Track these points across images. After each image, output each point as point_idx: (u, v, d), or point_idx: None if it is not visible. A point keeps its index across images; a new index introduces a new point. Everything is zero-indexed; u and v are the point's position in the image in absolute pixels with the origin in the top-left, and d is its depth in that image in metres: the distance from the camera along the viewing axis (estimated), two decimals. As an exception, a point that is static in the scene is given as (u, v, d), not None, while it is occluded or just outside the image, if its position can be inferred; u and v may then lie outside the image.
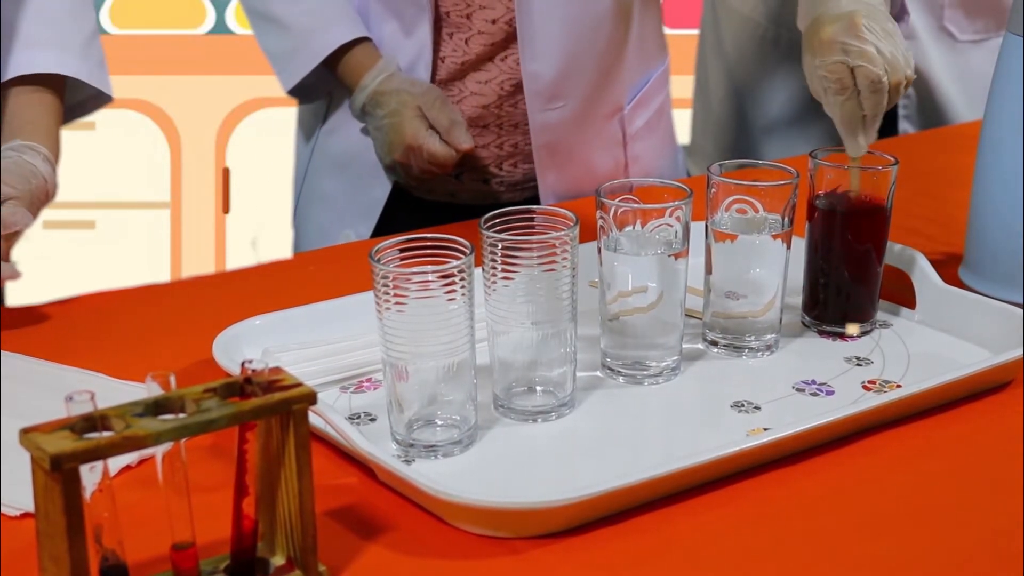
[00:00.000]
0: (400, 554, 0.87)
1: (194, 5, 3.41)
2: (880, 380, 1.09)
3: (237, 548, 0.80)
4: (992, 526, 0.91)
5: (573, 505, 0.87)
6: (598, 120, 1.55)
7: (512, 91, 1.50)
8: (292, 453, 0.79)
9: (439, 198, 1.56)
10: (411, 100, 1.45)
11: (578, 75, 1.50)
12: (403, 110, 1.45)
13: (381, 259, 0.95)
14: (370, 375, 1.09)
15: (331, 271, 1.31)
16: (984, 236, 1.26)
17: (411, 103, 1.45)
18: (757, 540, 0.89)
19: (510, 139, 1.52)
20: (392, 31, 1.49)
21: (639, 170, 1.61)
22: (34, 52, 1.26)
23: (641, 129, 1.61)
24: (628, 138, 1.60)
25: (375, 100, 1.47)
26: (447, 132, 1.44)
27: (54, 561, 0.74)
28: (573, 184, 1.55)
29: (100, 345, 1.14)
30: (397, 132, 1.45)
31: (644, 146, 1.62)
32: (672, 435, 1.03)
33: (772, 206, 1.11)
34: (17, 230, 1.16)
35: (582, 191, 1.53)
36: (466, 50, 1.48)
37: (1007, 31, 1.23)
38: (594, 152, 1.56)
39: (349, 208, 1.57)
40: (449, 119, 1.44)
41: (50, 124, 1.25)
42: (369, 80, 1.47)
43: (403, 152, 1.46)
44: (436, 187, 1.55)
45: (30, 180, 1.17)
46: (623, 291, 1.06)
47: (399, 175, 1.51)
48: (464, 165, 1.52)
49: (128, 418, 0.75)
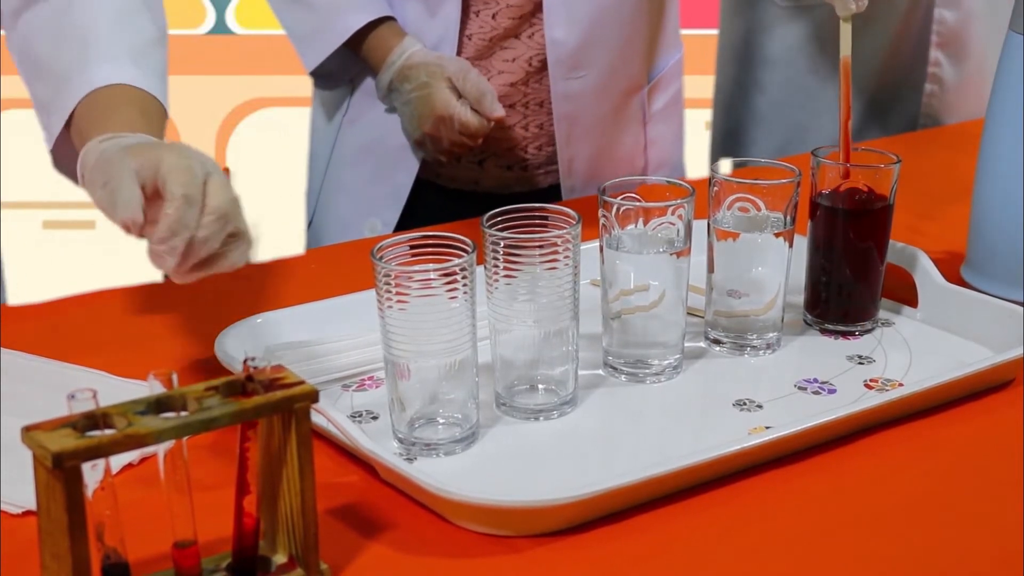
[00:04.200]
0: (401, 552, 0.86)
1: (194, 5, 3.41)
2: (882, 379, 1.09)
3: (239, 546, 0.80)
4: (992, 526, 0.91)
5: (574, 504, 0.87)
6: (619, 95, 1.56)
7: (539, 67, 1.50)
8: (294, 451, 0.79)
9: (462, 186, 1.57)
10: (440, 72, 1.44)
11: (601, 43, 1.50)
12: (433, 81, 1.44)
13: (383, 257, 0.95)
14: (372, 373, 1.09)
15: (332, 269, 1.31)
16: (986, 234, 1.26)
17: (440, 74, 1.44)
18: (757, 540, 0.89)
19: (535, 119, 1.53)
20: (417, 12, 1.50)
21: (656, 154, 1.62)
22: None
23: (659, 112, 1.63)
24: (648, 117, 1.60)
25: (403, 75, 1.46)
26: (478, 102, 1.42)
27: (56, 559, 0.74)
28: (594, 163, 1.55)
29: (101, 344, 1.14)
30: (427, 103, 1.44)
31: (661, 130, 1.64)
32: (674, 433, 1.03)
33: (774, 204, 1.11)
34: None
35: (602, 171, 1.54)
36: (494, 25, 1.48)
37: (1008, 29, 1.23)
38: (615, 128, 1.57)
39: (374, 196, 1.57)
40: (479, 89, 1.42)
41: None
42: (396, 57, 1.47)
43: (433, 123, 1.45)
44: (459, 174, 1.56)
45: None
46: (625, 289, 1.06)
47: (427, 151, 1.50)
48: (488, 150, 1.52)
49: (130, 416, 0.75)
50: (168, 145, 0.96)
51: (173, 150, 0.94)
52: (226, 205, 0.93)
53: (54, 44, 1.13)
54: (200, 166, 0.93)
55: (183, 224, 0.91)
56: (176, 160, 0.92)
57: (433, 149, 1.49)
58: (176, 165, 0.92)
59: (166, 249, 0.91)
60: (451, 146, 1.47)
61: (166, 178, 0.92)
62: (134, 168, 0.92)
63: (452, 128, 1.44)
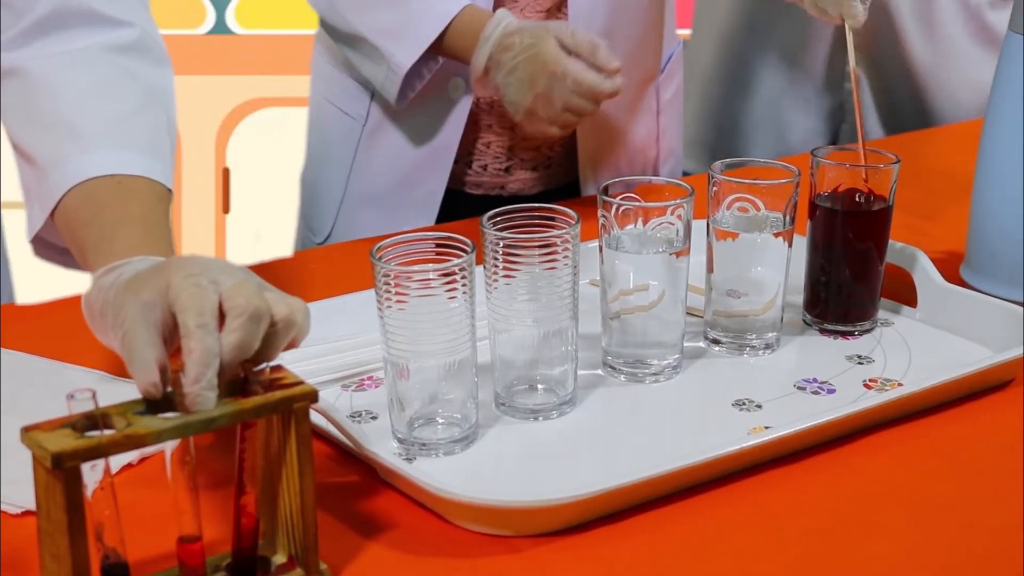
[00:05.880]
0: (401, 552, 0.86)
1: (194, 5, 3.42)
2: (881, 378, 1.09)
3: (238, 546, 0.80)
4: (992, 526, 0.91)
5: (574, 504, 0.87)
6: (636, 84, 1.55)
7: None
8: (293, 451, 0.79)
9: (488, 191, 1.56)
10: (545, 32, 1.35)
11: (621, 32, 1.49)
12: (539, 42, 1.34)
13: (382, 257, 0.95)
14: (371, 373, 1.09)
15: (332, 269, 1.31)
16: (985, 234, 1.26)
17: (546, 34, 1.34)
18: (757, 540, 0.89)
19: None
20: None
21: (666, 144, 1.63)
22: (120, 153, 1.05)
23: (669, 102, 1.63)
24: (660, 107, 1.60)
25: (504, 45, 1.36)
26: (592, 54, 1.33)
27: (55, 559, 0.74)
28: (613, 154, 1.55)
29: (101, 343, 1.14)
30: (536, 61, 1.34)
31: (670, 120, 1.64)
32: (673, 433, 1.03)
33: (773, 204, 1.11)
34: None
35: (619, 162, 1.54)
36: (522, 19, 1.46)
37: (1008, 30, 1.23)
38: (632, 119, 1.57)
39: (403, 206, 1.54)
40: (591, 41, 1.34)
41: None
42: (492, 29, 1.37)
43: (546, 82, 1.34)
44: (485, 180, 1.55)
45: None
46: (624, 289, 1.06)
47: (537, 121, 1.38)
48: (514, 155, 1.51)
49: (129, 416, 0.75)
50: (173, 264, 0.85)
51: (180, 269, 0.83)
52: (251, 304, 0.82)
53: (27, 125, 1.06)
54: (209, 274, 0.83)
55: (210, 354, 0.79)
56: (181, 282, 0.82)
57: (545, 116, 1.37)
58: (182, 289, 0.82)
59: (204, 386, 0.78)
60: (564, 109, 1.36)
61: (175, 307, 0.82)
62: (150, 320, 0.83)
63: (565, 87, 1.34)
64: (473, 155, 1.55)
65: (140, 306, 0.83)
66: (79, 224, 1.01)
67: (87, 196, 1.02)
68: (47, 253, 1.11)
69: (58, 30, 1.08)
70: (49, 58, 1.07)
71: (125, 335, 0.84)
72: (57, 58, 1.07)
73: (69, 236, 1.02)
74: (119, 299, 0.87)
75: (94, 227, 0.99)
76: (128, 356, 0.83)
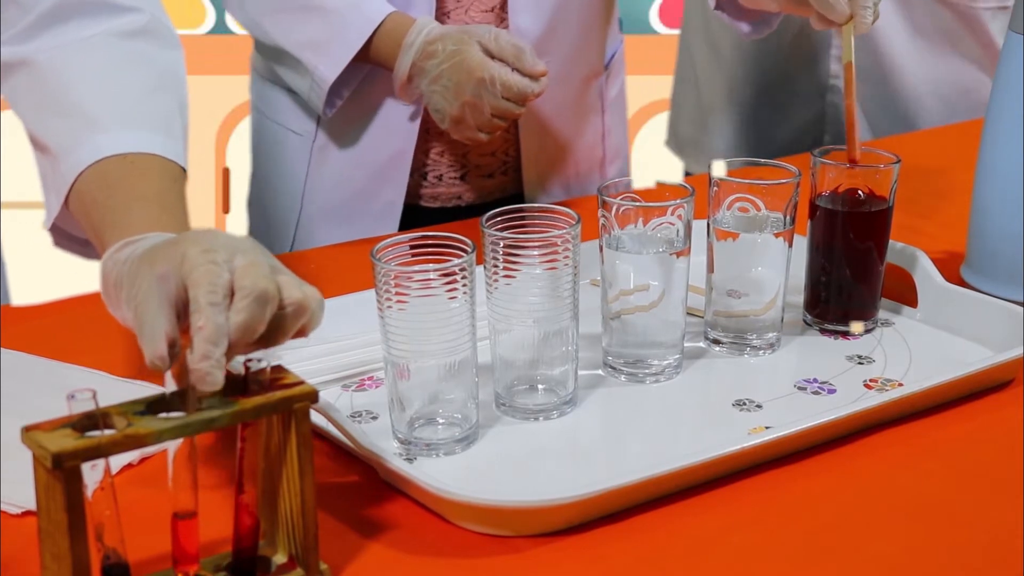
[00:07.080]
0: (401, 552, 0.86)
1: (194, 5, 3.42)
2: (882, 379, 1.09)
3: (239, 546, 0.80)
4: (992, 526, 0.91)
5: (574, 504, 0.87)
6: (579, 82, 1.55)
7: None
8: (294, 451, 0.79)
9: (445, 203, 1.55)
10: (468, 36, 1.33)
11: (563, 29, 1.48)
12: (464, 47, 1.32)
13: (382, 257, 0.95)
14: (371, 373, 1.09)
15: (332, 269, 1.31)
16: (986, 234, 1.26)
17: (469, 40, 1.33)
18: (757, 540, 0.89)
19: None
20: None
21: (612, 144, 1.62)
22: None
23: (613, 100, 1.63)
24: (605, 105, 1.60)
25: (427, 52, 1.35)
26: (517, 59, 1.32)
27: (55, 559, 0.74)
28: (557, 153, 1.54)
29: (101, 343, 1.14)
30: (462, 69, 1.32)
31: (615, 120, 1.64)
32: (673, 434, 1.03)
33: (774, 204, 1.11)
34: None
35: (564, 165, 1.53)
36: (466, 20, 1.45)
37: (1009, 30, 1.23)
38: (575, 117, 1.56)
39: (363, 218, 1.52)
40: (515, 46, 1.32)
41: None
42: (414, 36, 1.36)
43: (473, 89, 1.32)
44: (442, 192, 1.54)
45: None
46: (625, 289, 1.06)
47: (464, 129, 1.37)
48: (469, 163, 1.51)
49: (130, 416, 0.75)
50: (190, 237, 0.84)
51: (196, 243, 0.82)
52: (258, 286, 0.80)
53: (39, 114, 1.06)
54: (225, 251, 0.82)
55: (220, 332, 0.79)
56: (197, 256, 0.81)
57: (474, 123, 1.36)
58: (198, 263, 0.80)
59: (212, 364, 0.77)
60: (492, 116, 1.35)
61: (188, 281, 0.81)
62: (163, 293, 0.82)
63: (494, 93, 1.32)
64: (427, 166, 1.53)
65: (154, 278, 0.82)
66: (94, 205, 1.00)
67: (100, 177, 1.01)
68: (66, 243, 1.11)
69: (66, 20, 1.08)
70: (59, 48, 1.07)
71: (138, 306, 0.83)
72: (66, 47, 1.07)
73: (85, 219, 1.01)
74: (134, 270, 0.86)
75: (109, 206, 0.98)
76: (138, 327, 0.82)
